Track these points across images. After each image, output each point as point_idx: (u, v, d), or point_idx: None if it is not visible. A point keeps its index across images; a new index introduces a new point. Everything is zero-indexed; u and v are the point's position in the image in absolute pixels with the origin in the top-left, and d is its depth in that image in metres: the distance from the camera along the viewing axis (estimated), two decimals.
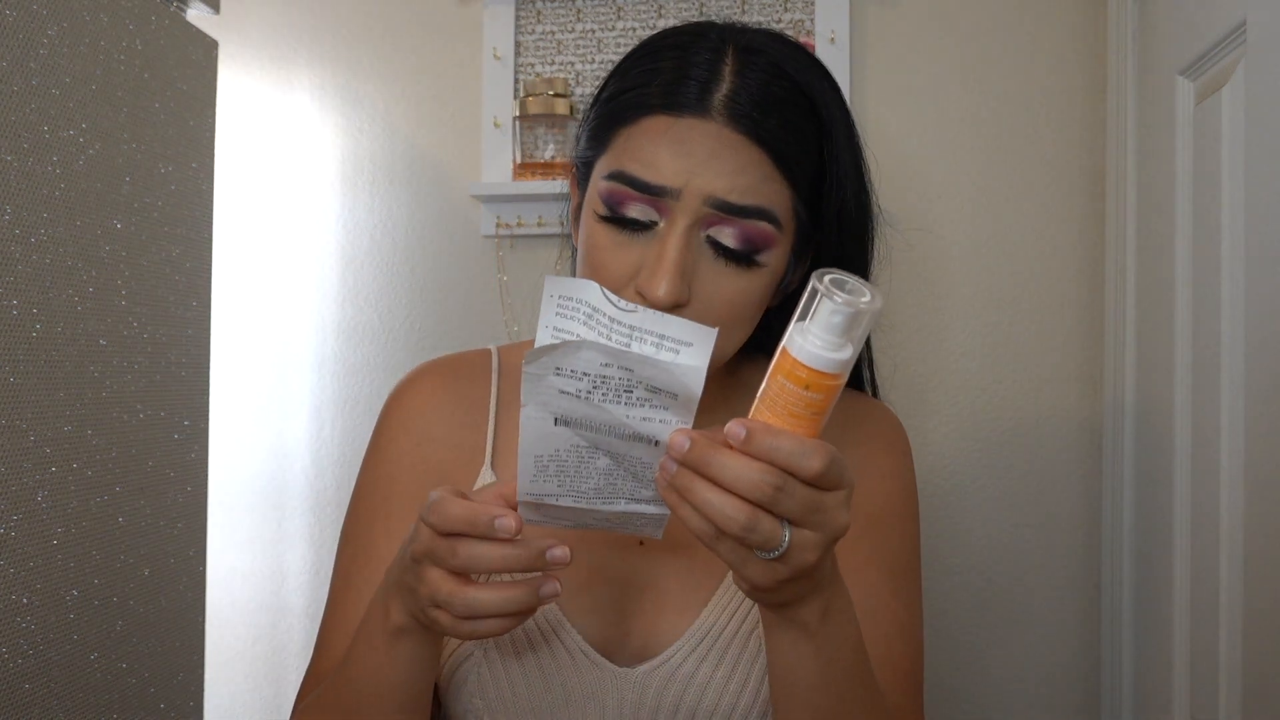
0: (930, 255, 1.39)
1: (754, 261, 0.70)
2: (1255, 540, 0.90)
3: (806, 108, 0.73)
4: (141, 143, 1.04)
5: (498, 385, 0.83)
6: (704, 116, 0.70)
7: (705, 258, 0.69)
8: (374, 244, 1.54)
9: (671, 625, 0.76)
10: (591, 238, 0.72)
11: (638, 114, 0.71)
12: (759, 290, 0.72)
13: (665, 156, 0.69)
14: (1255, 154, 0.92)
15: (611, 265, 0.70)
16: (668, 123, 0.70)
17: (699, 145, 0.69)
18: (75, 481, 0.94)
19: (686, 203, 0.68)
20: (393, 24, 1.53)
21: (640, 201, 0.69)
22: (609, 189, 0.70)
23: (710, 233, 0.69)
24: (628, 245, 0.70)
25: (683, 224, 0.68)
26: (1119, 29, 1.28)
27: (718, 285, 0.70)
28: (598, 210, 0.71)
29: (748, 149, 0.70)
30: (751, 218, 0.69)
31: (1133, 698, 1.23)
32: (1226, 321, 0.96)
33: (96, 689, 0.97)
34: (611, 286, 0.69)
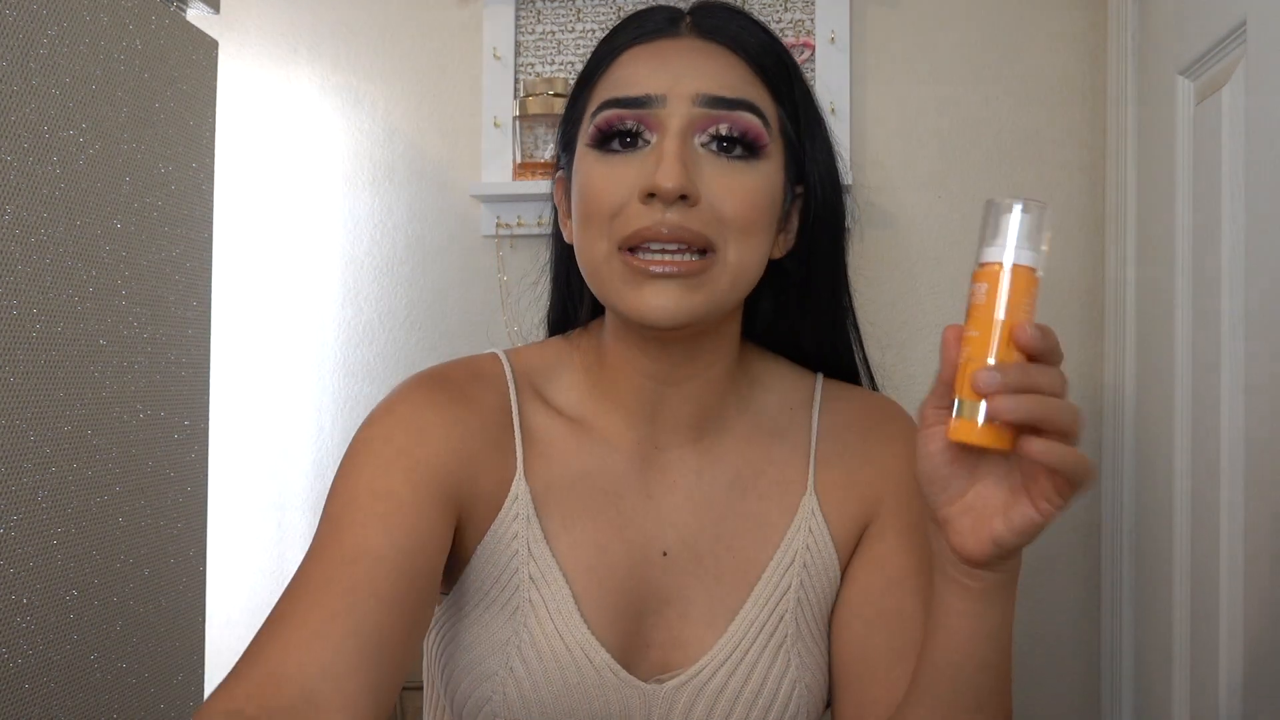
0: (929, 255, 1.39)
1: (754, 153, 0.69)
2: (1255, 540, 0.90)
3: (768, 38, 0.74)
4: (141, 143, 1.04)
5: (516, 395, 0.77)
6: (675, 36, 0.72)
7: (705, 160, 0.68)
8: (374, 244, 1.54)
9: (698, 638, 0.74)
10: (585, 178, 0.70)
11: (611, 58, 0.73)
12: (764, 189, 0.69)
13: (644, 71, 0.70)
14: (1255, 154, 0.92)
15: (608, 187, 0.68)
16: (641, 49, 0.72)
17: (676, 56, 0.70)
18: (75, 481, 0.94)
19: (675, 107, 0.68)
20: (393, 24, 1.53)
21: (629, 119, 0.69)
22: (598, 122, 0.70)
23: (704, 136, 0.68)
24: (622, 166, 0.68)
25: (676, 125, 0.68)
26: (1119, 29, 1.28)
27: (724, 183, 0.68)
28: (591, 151, 0.70)
29: (725, 54, 0.71)
30: (739, 109, 0.68)
31: (1133, 698, 1.23)
32: (1226, 321, 0.96)
33: (96, 689, 0.97)
34: (609, 207, 0.68)
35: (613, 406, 0.77)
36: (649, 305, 0.66)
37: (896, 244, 1.40)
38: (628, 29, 0.74)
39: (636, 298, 0.67)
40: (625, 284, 0.68)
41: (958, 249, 1.39)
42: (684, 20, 0.73)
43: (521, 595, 0.73)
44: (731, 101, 0.68)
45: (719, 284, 0.68)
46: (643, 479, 0.76)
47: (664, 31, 0.72)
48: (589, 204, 0.69)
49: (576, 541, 0.74)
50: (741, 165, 0.69)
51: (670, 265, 0.66)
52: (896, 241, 1.40)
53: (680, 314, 0.67)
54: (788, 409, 0.80)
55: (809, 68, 1.39)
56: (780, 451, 0.78)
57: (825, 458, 0.78)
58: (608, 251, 0.68)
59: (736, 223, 0.68)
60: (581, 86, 0.76)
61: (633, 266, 0.67)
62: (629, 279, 0.67)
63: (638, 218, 0.66)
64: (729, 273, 0.68)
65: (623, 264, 0.67)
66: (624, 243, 0.67)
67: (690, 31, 0.72)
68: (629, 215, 0.67)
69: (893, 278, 1.40)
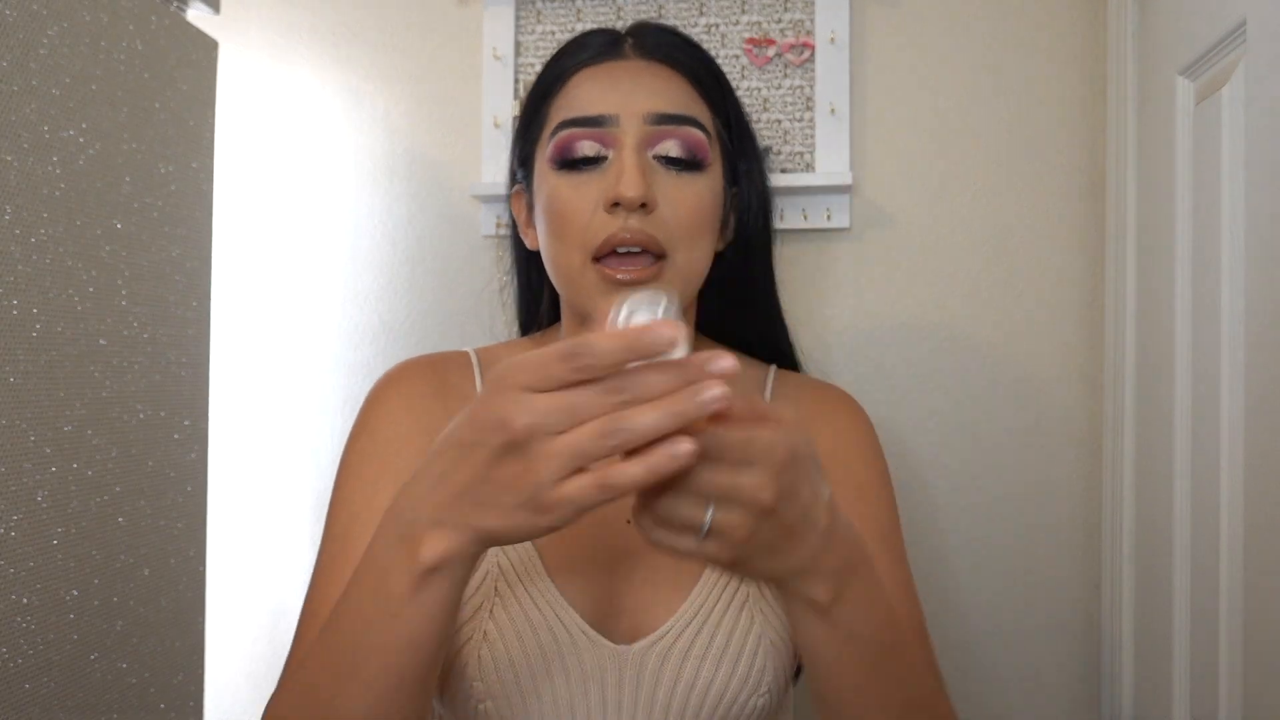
0: (929, 255, 1.39)
1: (699, 165, 0.78)
2: (1255, 540, 0.90)
3: (703, 56, 0.84)
4: (141, 143, 1.04)
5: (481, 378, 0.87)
6: (621, 58, 0.81)
7: (658, 173, 0.77)
8: (374, 244, 1.54)
9: (665, 600, 0.79)
10: (551, 194, 0.79)
11: (562, 80, 0.81)
12: (710, 195, 0.80)
13: (598, 92, 0.78)
14: (1255, 154, 0.92)
15: (574, 202, 0.77)
16: (591, 71, 0.80)
17: (625, 77, 0.79)
18: (75, 481, 0.94)
19: (628, 125, 0.77)
20: (393, 24, 1.53)
21: (588, 138, 0.77)
22: (557, 141, 0.78)
23: (655, 151, 0.77)
24: (585, 183, 0.77)
25: (631, 142, 0.77)
26: (1119, 29, 1.28)
27: (677, 192, 0.77)
28: (552, 169, 0.79)
29: (666, 73, 0.80)
30: (686, 124, 0.78)
31: (1133, 698, 1.23)
32: (1226, 321, 0.96)
33: (96, 689, 0.97)
34: (578, 222, 0.77)
35: None
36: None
37: (896, 244, 1.40)
38: (573, 52, 0.82)
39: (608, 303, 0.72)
40: (600, 293, 0.77)
41: (958, 249, 1.39)
42: (626, 42, 0.82)
43: (489, 561, 0.78)
44: (678, 118, 0.78)
45: (673, 286, 0.77)
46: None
47: (609, 54, 0.81)
48: (559, 219, 0.78)
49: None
50: (689, 176, 0.78)
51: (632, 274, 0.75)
52: (896, 241, 1.40)
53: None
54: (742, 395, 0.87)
55: (809, 68, 1.39)
56: None
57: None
58: (582, 263, 0.77)
59: (685, 228, 0.77)
60: (535, 108, 0.83)
61: (605, 277, 0.76)
62: (604, 289, 0.76)
63: (604, 226, 0.76)
64: (680, 274, 0.78)
65: (597, 275, 0.77)
66: (595, 252, 0.76)
67: (634, 52, 0.81)
68: (596, 225, 0.76)
69: (893, 278, 1.40)
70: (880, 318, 1.40)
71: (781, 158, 1.40)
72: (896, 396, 1.39)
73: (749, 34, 1.41)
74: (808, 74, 1.39)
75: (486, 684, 0.76)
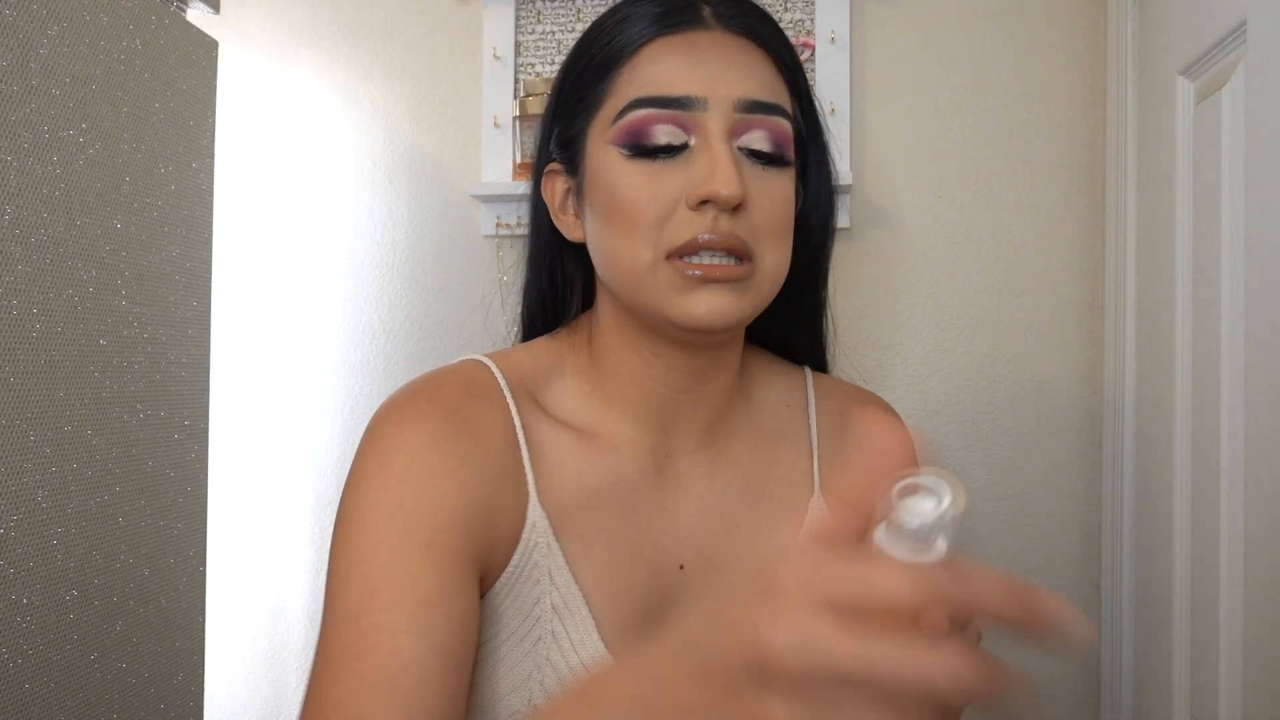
0: (929, 255, 1.39)
1: (785, 161, 0.69)
2: (1255, 540, 0.90)
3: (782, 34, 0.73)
4: (141, 143, 1.04)
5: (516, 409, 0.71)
6: (703, 28, 0.69)
7: (744, 167, 0.67)
8: (374, 244, 1.54)
9: None
10: (619, 182, 0.67)
11: (633, 49, 0.69)
12: (791, 195, 0.70)
13: (680, 68, 0.67)
14: (1255, 154, 0.92)
15: (650, 193, 0.66)
16: (670, 40, 0.68)
17: (710, 52, 0.68)
18: (75, 481, 0.94)
19: (715, 111, 0.66)
20: (393, 24, 1.53)
21: (667, 122, 0.66)
22: (629, 123, 0.67)
23: (741, 141, 0.67)
24: (664, 172, 0.66)
25: (719, 130, 0.66)
26: (1119, 29, 1.28)
27: (764, 191, 0.68)
28: (622, 154, 0.67)
29: (752, 50, 0.69)
30: (775, 114, 0.68)
31: (1133, 698, 1.23)
32: (1226, 321, 0.96)
33: (96, 689, 0.97)
34: (656, 217, 0.66)
35: (620, 414, 0.74)
36: (701, 310, 0.66)
37: (896, 244, 1.40)
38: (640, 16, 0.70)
39: (687, 303, 0.66)
40: (676, 291, 0.66)
41: (958, 249, 1.39)
42: (704, 8, 0.70)
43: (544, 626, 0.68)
44: (769, 106, 0.68)
45: (761, 290, 0.68)
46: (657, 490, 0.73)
47: (688, 21, 0.69)
48: (630, 212, 0.67)
49: (597, 563, 0.70)
50: (775, 172, 0.68)
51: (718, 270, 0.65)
52: (896, 241, 1.40)
53: (731, 317, 0.66)
54: (785, 407, 0.80)
55: (809, 67, 1.39)
56: (785, 452, 0.77)
57: (827, 455, 0.78)
58: (653, 260, 0.67)
59: (772, 230, 0.68)
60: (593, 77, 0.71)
61: (684, 274, 0.65)
62: (680, 285, 0.66)
63: (689, 225, 0.65)
64: (768, 279, 0.69)
65: (673, 271, 0.66)
66: (675, 251, 0.66)
67: (716, 23, 0.70)
68: (679, 223, 0.66)
69: (893, 278, 1.40)
70: (880, 318, 1.40)
71: None
72: (897, 396, 1.39)
73: None
74: (808, 74, 1.39)
75: None
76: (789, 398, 0.81)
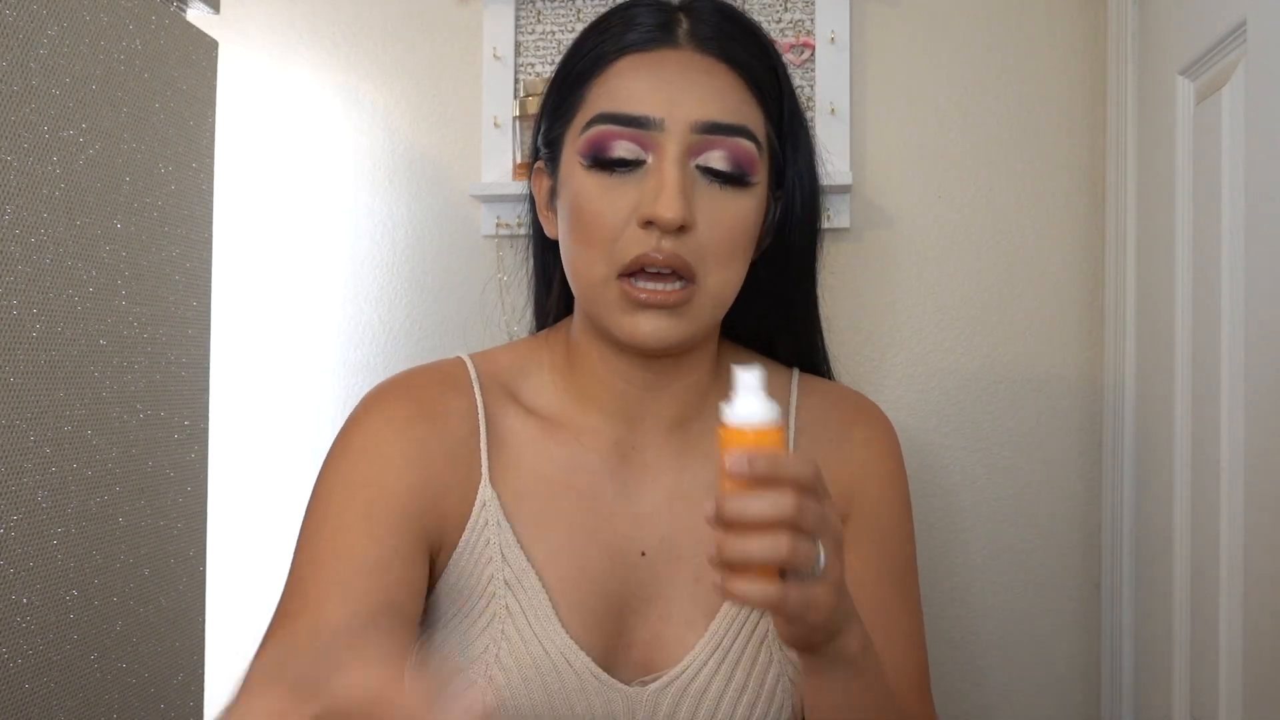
0: (929, 255, 1.39)
1: (745, 182, 0.70)
2: (1255, 540, 0.90)
3: (760, 46, 0.74)
4: (141, 143, 1.04)
5: (481, 393, 0.77)
6: (674, 47, 0.71)
7: (699, 185, 0.69)
8: (374, 244, 1.54)
9: (679, 638, 0.74)
10: (579, 193, 0.71)
11: (606, 62, 0.72)
12: (752, 214, 0.72)
13: (644, 88, 0.69)
14: (1255, 154, 0.92)
15: (606, 210, 0.69)
16: (639, 58, 0.71)
17: (675, 73, 0.70)
18: (75, 481, 0.94)
19: (673, 131, 0.68)
20: (393, 24, 1.53)
21: (626, 139, 0.69)
22: (592, 136, 0.70)
23: (699, 161, 0.69)
24: (619, 187, 0.69)
25: (674, 151, 0.68)
26: (1119, 29, 1.28)
27: (716, 210, 0.69)
28: (582, 164, 0.70)
29: (722, 72, 0.71)
30: (737, 136, 0.69)
31: (1133, 698, 1.23)
32: (1226, 321, 0.96)
33: (96, 689, 0.97)
34: (608, 231, 0.69)
35: (588, 407, 0.78)
36: (641, 331, 0.69)
37: (896, 244, 1.40)
38: (620, 30, 0.73)
39: (630, 323, 0.70)
40: (621, 310, 0.70)
41: (958, 249, 1.39)
42: (680, 27, 0.72)
43: (498, 603, 0.72)
44: (729, 128, 0.69)
45: (702, 312, 0.71)
46: (621, 480, 0.76)
47: (661, 40, 0.72)
48: (586, 224, 0.70)
49: (552, 545, 0.74)
50: (732, 192, 0.70)
51: (658, 296, 0.68)
52: (896, 241, 1.40)
53: (671, 339, 0.70)
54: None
55: (809, 68, 1.39)
56: None
57: (803, 452, 0.80)
58: (606, 276, 0.70)
59: (719, 251, 0.70)
60: (572, 84, 0.75)
61: (628, 296, 0.69)
62: (624, 307, 0.70)
63: (635, 243, 0.68)
64: (710, 300, 0.71)
65: (620, 292, 0.69)
66: (624, 269, 0.69)
67: (688, 42, 0.72)
68: (627, 241, 0.68)
69: (893, 278, 1.40)
70: (880, 318, 1.40)
71: None
72: (896, 397, 1.39)
73: None
74: (808, 74, 1.39)
75: None
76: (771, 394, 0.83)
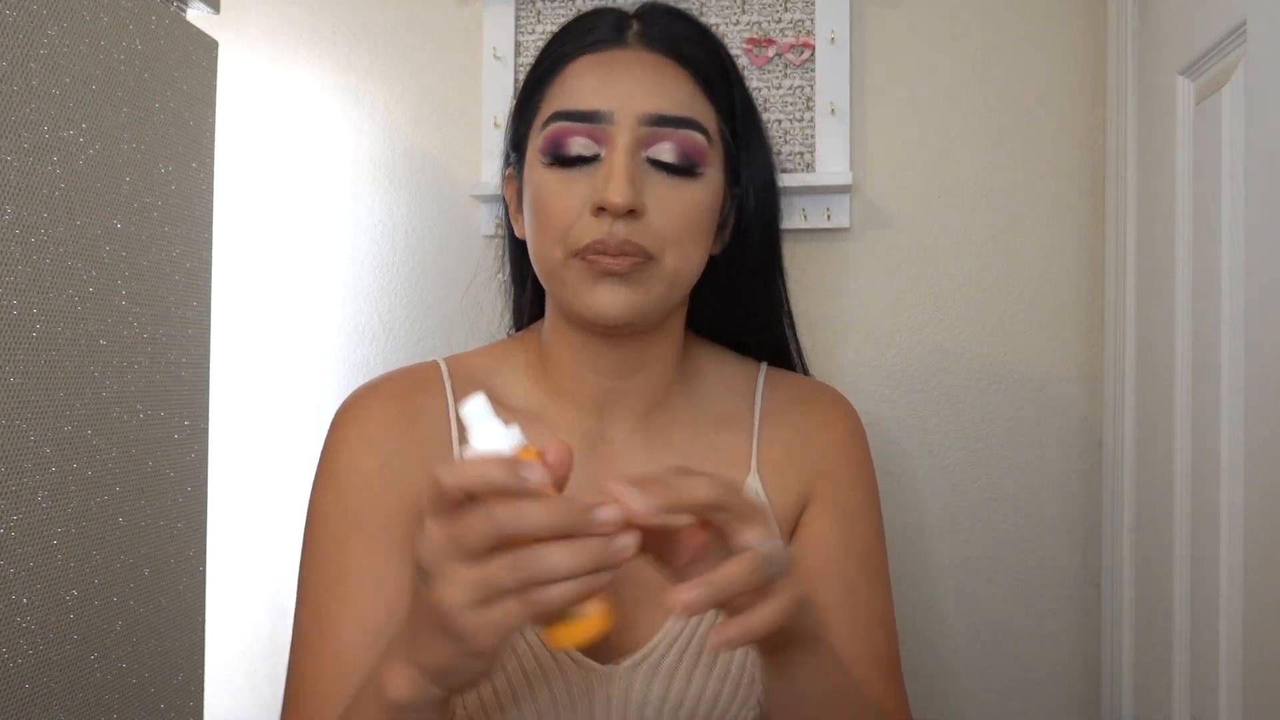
0: (929, 255, 1.39)
1: (694, 173, 0.73)
2: (1255, 540, 0.90)
3: (710, 45, 0.78)
4: (141, 143, 1.04)
5: (452, 390, 0.81)
6: (623, 46, 0.76)
7: (650, 175, 0.73)
8: (374, 244, 1.54)
9: (649, 618, 0.76)
10: (540, 188, 0.74)
11: (560, 65, 0.76)
12: (705, 201, 0.75)
13: (594, 84, 0.73)
14: (1255, 154, 0.92)
15: (561, 202, 0.73)
16: (592, 58, 0.75)
17: (624, 70, 0.74)
18: (75, 481, 0.94)
19: (623, 124, 0.72)
20: (393, 24, 1.53)
21: (580, 134, 0.72)
22: (550, 133, 0.73)
23: (649, 153, 0.73)
24: (576, 181, 0.73)
25: (623, 143, 0.72)
26: (1119, 29, 1.28)
27: (667, 198, 0.73)
28: (543, 161, 0.74)
29: (670, 68, 0.75)
30: (685, 128, 0.73)
31: (1132, 697, 1.23)
32: (1226, 321, 0.96)
33: (96, 689, 0.97)
34: (563, 221, 0.73)
35: (560, 400, 0.81)
36: (602, 301, 0.72)
37: (896, 244, 1.40)
38: (577, 35, 0.77)
39: (591, 295, 0.72)
40: (582, 284, 0.73)
41: (957, 249, 1.39)
42: (630, 28, 0.77)
43: None
44: (676, 120, 0.73)
45: (657, 284, 0.74)
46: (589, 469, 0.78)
47: (611, 40, 0.76)
48: (544, 214, 0.74)
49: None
50: (682, 182, 0.73)
51: (618, 263, 0.71)
52: (896, 241, 1.40)
53: (629, 308, 0.73)
54: (731, 396, 0.85)
55: (809, 68, 1.39)
56: (725, 438, 0.82)
57: (767, 439, 0.83)
58: (564, 257, 0.73)
59: (673, 235, 0.73)
60: (532, 89, 0.80)
61: (590, 266, 0.72)
62: (584, 279, 0.73)
63: (589, 230, 0.71)
64: (666, 277, 0.74)
65: (579, 266, 0.72)
66: (579, 253, 0.72)
67: (637, 42, 0.76)
68: (582, 228, 0.72)
69: (893, 278, 1.40)
70: (880, 318, 1.40)
71: (781, 158, 1.40)
72: (896, 396, 1.39)
73: (749, 34, 1.41)
74: (808, 74, 1.39)
75: (469, 711, 0.75)
76: (736, 388, 0.86)
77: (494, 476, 0.51)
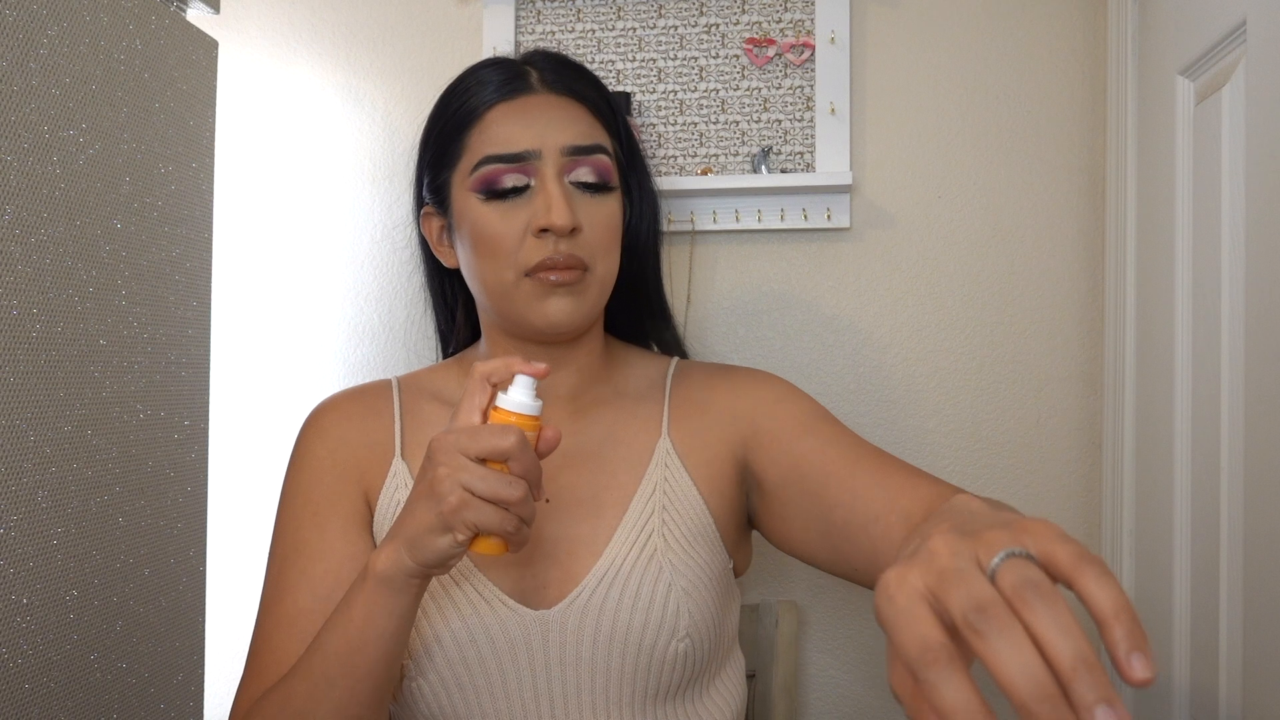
0: (929, 255, 1.39)
1: (608, 188, 0.89)
2: (1255, 540, 0.90)
3: (594, 83, 0.93)
4: (141, 143, 1.04)
5: (399, 396, 0.97)
6: (531, 92, 0.89)
7: (576, 197, 0.87)
8: (374, 243, 1.54)
9: (583, 566, 0.86)
10: (478, 221, 0.87)
11: (479, 112, 0.89)
12: (617, 213, 0.91)
13: (518, 129, 0.87)
14: (1255, 154, 0.92)
15: (503, 231, 0.86)
16: (507, 106, 0.88)
17: (539, 112, 0.88)
18: (75, 481, 0.94)
19: (548, 157, 0.86)
20: (393, 24, 1.53)
21: (512, 172, 0.86)
22: (483, 174, 0.86)
23: (571, 177, 0.87)
24: (512, 210, 0.86)
25: (552, 173, 0.86)
26: (1119, 29, 1.28)
27: (593, 213, 0.88)
28: (478, 199, 0.87)
29: (573, 106, 0.90)
30: (596, 153, 0.88)
31: (1133, 698, 1.23)
32: (1226, 321, 0.96)
33: (96, 689, 0.97)
34: (508, 247, 0.86)
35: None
36: (552, 310, 0.86)
37: (896, 244, 1.40)
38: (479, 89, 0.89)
39: (544, 308, 0.86)
40: (535, 299, 0.86)
41: (958, 249, 1.39)
42: (532, 75, 0.90)
43: None
44: (589, 148, 0.88)
45: (594, 292, 0.89)
46: None
47: (519, 88, 0.89)
48: (490, 244, 0.87)
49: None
50: (601, 197, 0.89)
51: (563, 277, 0.85)
52: (896, 242, 1.40)
53: (576, 316, 0.87)
54: (647, 381, 0.99)
55: (809, 68, 1.39)
56: (642, 410, 0.95)
57: (677, 406, 0.95)
58: (515, 278, 0.86)
59: (602, 245, 0.88)
60: (449, 137, 0.91)
61: (540, 284, 0.86)
62: (537, 294, 0.86)
63: (536, 250, 0.85)
64: (599, 283, 0.89)
65: (531, 284, 0.86)
66: (529, 271, 0.86)
67: (542, 86, 0.90)
68: (528, 249, 0.85)
69: (892, 278, 1.40)
70: (880, 318, 1.40)
71: (781, 158, 1.40)
72: (896, 396, 1.39)
73: (749, 34, 1.41)
74: (808, 74, 1.39)
75: (415, 661, 0.83)
76: (651, 375, 0.99)
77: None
